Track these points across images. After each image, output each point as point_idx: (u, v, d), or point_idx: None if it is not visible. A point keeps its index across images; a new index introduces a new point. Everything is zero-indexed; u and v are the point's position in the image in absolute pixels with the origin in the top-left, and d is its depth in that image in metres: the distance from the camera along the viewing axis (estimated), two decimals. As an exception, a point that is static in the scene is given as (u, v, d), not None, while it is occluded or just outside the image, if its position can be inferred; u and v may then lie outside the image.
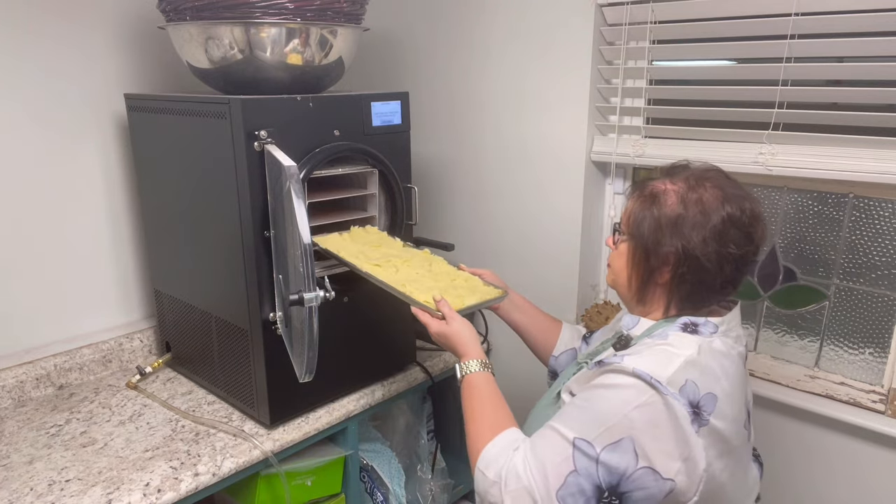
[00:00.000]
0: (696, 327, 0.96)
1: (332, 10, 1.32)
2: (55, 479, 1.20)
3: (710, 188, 0.96)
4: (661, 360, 0.90)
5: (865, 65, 1.25)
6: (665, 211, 0.97)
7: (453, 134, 1.83)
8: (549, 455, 0.88)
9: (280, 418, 1.37)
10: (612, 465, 0.85)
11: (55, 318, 1.60)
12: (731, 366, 0.94)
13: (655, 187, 1.00)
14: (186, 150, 1.38)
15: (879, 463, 1.30)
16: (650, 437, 0.85)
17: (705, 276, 0.95)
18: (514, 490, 0.89)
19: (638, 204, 1.01)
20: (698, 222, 0.94)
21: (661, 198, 0.98)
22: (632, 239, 1.01)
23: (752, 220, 0.96)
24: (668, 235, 0.95)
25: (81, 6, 1.52)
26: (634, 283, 1.03)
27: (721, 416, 0.88)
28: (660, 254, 0.97)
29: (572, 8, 1.52)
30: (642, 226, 0.98)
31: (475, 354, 1.10)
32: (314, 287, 1.11)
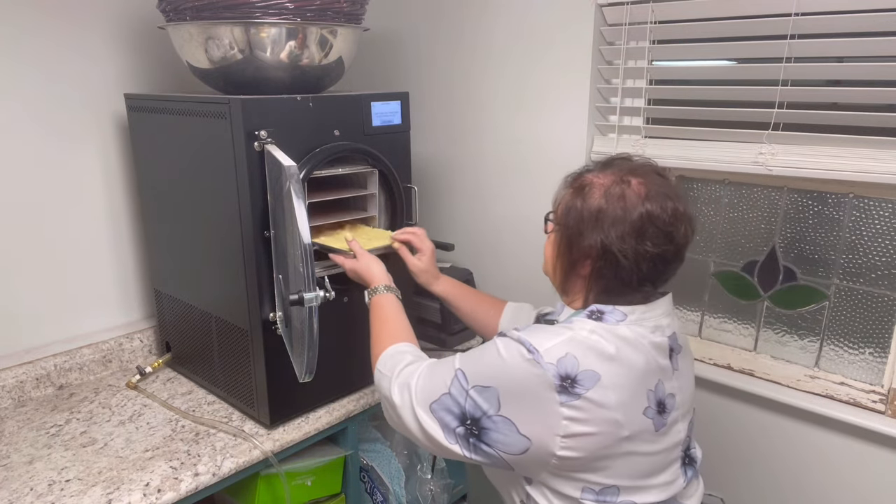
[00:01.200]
0: (601, 315, 0.98)
1: (332, 10, 1.32)
2: (55, 479, 1.20)
3: (636, 184, 0.97)
4: (549, 334, 0.94)
5: (865, 65, 1.25)
6: (588, 204, 0.98)
7: (453, 134, 1.83)
8: (438, 374, 0.99)
9: (280, 418, 1.37)
10: (477, 402, 0.94)
11: (55, 318, 1.60)
12: (632, 352, 0.94)
13: (586, 179, 1.01)
14: (186, 150, 1.38)
15: (879, 463, 1.30)
16: (514, 394, 0.92)
17: (621, 272, 0.96)
18: (400, 384, 1.02)
19: (568, 194, 1.02)
20: (618, 217, 0.95)
21: (587, 190, 0.99)
22: (559, 229, 1.03)
23: (673, 220, 0.95)
24: (590, 229, 0.97)
25: (81, 6, 1.52)
26: (559, 273, 1.05)
27: (602, 395, 0.90)
28: (582, 246, 0.98)
29: (572, 8, 1.52)
30: (569, 217, 1.00)
31: (381, 280, 1.22)
32: (314, 287, 1.11)
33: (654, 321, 0.99)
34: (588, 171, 1.04)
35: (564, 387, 0.89)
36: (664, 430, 0.97)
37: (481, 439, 0.94)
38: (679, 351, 1.03)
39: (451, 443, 0.96)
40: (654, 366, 0.97)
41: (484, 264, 1.85)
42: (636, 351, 0.95)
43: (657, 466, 0.98)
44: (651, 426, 0.95)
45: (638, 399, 0.94)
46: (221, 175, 1.27)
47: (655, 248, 0.95)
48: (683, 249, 0.99)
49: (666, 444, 0.99)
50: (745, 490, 1.50)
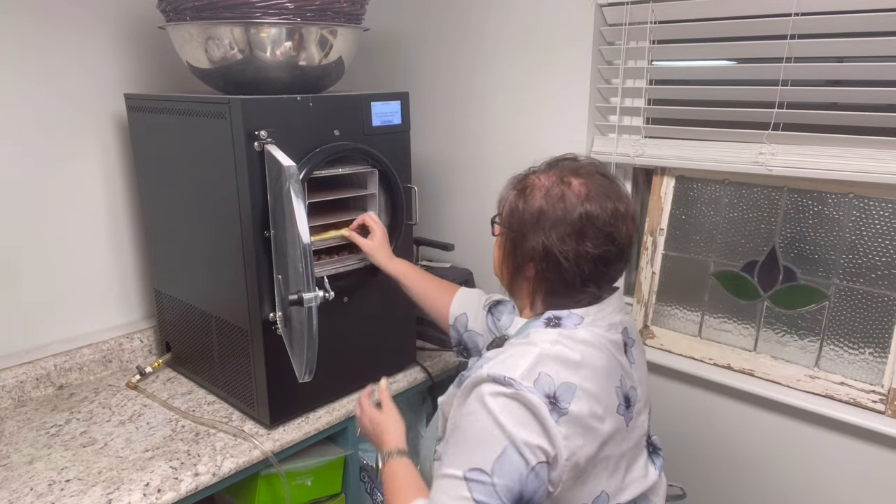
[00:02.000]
0: (559, 321, 0.96)
1: (332, 10, 1.32)
2: (55, 479, 1.20)
3: (577, 185, 0.95)
4: (515, 357, 0.90)
5: (865, 65, 1.25)
6: (530, 205, 0.96)
7: (453, 134, 1.83)
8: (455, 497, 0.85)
9: (280, 418, 1.37)
10: (507, 479, 0.84)
11: (55, 318, 1.60)
12: (595, 354, 0.93)
13: (529, 181, 1.00)
14: (186, 150, 1.38)
15: (879, 463, 1.30)
16: (524, 434, 0.85)
17: (564, 274, 0.95)
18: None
19: (512, 196, 1.00)
20: (558, 219, 0.93)
21: (529, 191, 0.98)
22: (504, 231, 1.02)
23: (613, 220, 0.94)
24: (532, 231, 0.95)
25: (81, 6, 1.52)
26: (506, 276, 1.04)
27: (581, 404, 0.88)
28: (525, 248, 0.97)
29: (572, 8, 1.52)
30: (512, 219, 0.99)
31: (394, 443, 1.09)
32: (313, 287, 1.11)
33: (608, 319, 0.98)
34: (533, 172, 1.02)
35: (552, 405, 0.87)
36: (631, 424, 0.98)
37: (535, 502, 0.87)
38: (632, 344, 1.03)
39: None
40: (615, 363, 0.97)
41: (484, 264, 1.85)
42: (599, 352, 0.94)
43: (631, 461, 0.99)
44: (623, 423, 0.96)
45: (610, 399, 0.94)
46: (221, 175, 1.27)
47: (596, 249, 0.93)
48: (627, 249, 0.98)
49: (635, 437, 0.99)
50: (745, 490, 1.50)
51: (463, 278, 1.79)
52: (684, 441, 1.57)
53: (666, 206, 1.56)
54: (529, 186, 0.99)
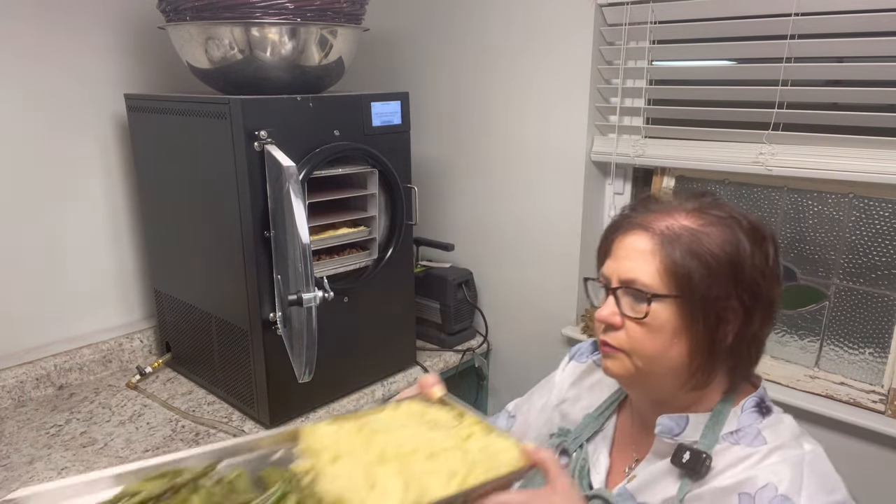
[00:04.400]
0: (766, 404, 0.78)
1: (332, 10, 1.32)
2: (55, 479, 1.20)
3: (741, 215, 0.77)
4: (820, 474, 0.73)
5: (865, 65, 1.25)
6: (719, 253, 0.73)
7: (453, 134, 1.83)
8: None
9: (280, 418, 1.37)
10: None
11: (55, 318, 1.60)
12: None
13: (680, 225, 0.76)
14: (186, 150, 1.38)
15: (879, 463, 1.30)
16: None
17: (764, 329, 0.77)
18: None
19: (668, 250, 0.74)
20: (760, 259, 0.74)
21: (700, 237, 0.74)
22: (680, 300, 0.74)
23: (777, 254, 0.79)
24: (729, 283, 0.73)
25: (81, 6, 1.52)
26: (697, 362, 0.76)
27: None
28: (722, 308, 0.74)
29: (572, 8, 1.52)
30: (692, 278, 0.73)
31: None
32: (313, 287, 1.11)
33: None
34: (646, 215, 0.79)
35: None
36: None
37: None
38: None
39: None
40: None
41: (484, 264, 1.85)
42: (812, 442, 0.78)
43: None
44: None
45: None
46: (221, 175, 1.27)
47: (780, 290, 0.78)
48: None
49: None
50: (745, 490, 1.50)
51: (463, 278, 1.79)
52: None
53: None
54: (692, 234, 0.75)
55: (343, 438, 0.71)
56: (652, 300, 0.74)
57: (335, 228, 1.42)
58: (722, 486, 0.72)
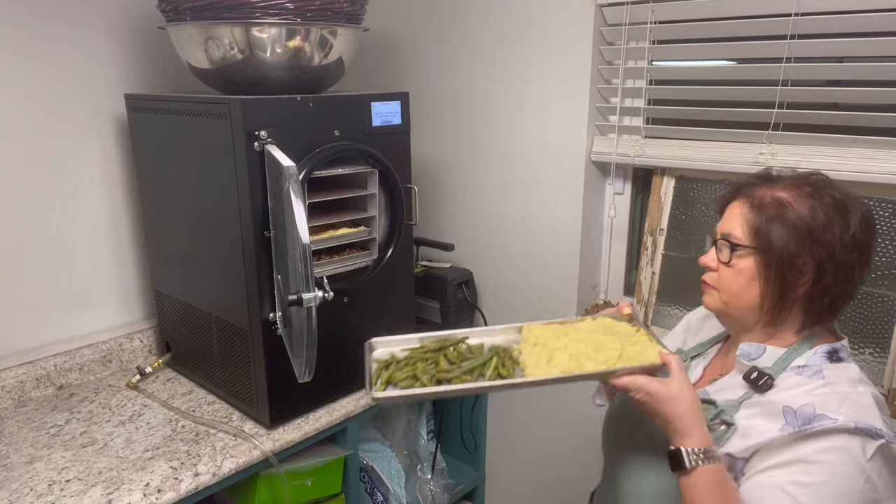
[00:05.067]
0: (838, 354, 0.92)
1: (332, 10, 1.32)
2: (55, 479, 1.20)
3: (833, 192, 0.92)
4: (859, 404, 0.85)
5: (865, 65, 1.25)
6: (802, 219, 0.90)
7: (453, 134, 1.83)
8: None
9: (280, 418, 1.37)
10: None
11: (55, 318, 1.60)
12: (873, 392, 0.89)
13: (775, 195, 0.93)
14: (186, 150, 1.38)
15: (879, 463, 1.30)
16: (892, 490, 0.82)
17: (848, 284, 0.91)
18: None
19: (758, 214, 0.93)
20: (840, 228, 0.89)
21: (788, 206, 0.91)
22: (760, 253, 0.92)
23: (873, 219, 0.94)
24: (808, 244, 0.89)
25: (81, 6, 1.52)
26: (768, 302, 0.93)
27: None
28: (796, 265, 0.90)
29: (572, 8, 1.52)
30: (772, 237, 0.91)
31: (699, 439, 0.86)
32: (313, 287, 1.11)
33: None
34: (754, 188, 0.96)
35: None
36: None
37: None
38: None
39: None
40: None
41: (484, 264, 1.85)
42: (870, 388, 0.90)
43: None
44: None
45: None
46: (221, 175, 1.27)
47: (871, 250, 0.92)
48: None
49: None
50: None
51: (463, 278, 1.79)
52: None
53: (666, 206, 1.56)
54: (784, 201, 0.92)
55: (546, 334, 1.06)
56: (736, 249, 0.94)
57: (335, 228, 1.42)
58: (772, 400, 0.90)
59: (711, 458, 0.85)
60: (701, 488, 0.84)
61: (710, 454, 0.85)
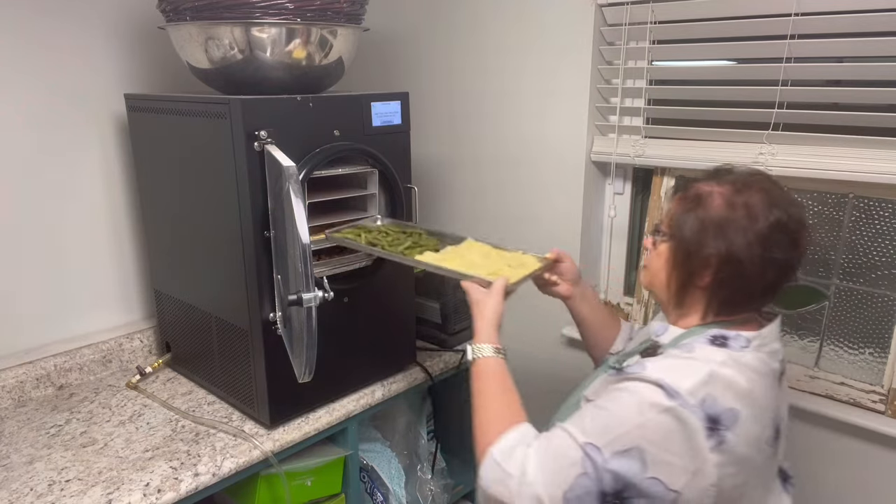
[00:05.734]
0: (725, 340, 0.94)
1: (332, 11, 1.32)
2: (55, 479, 1.20)
3: (757, 192, 0.96)
4: (684, 370, 0.89)
5: (865, 65, 1.25)
6: (710, 213, 0.96)
7: (453, 134, 1.83)
8: (561, 458, 0.89)
9: (280, 418, 1.37)
10: (618, 473, 0.85)
11: (55, 318, 1.60)
12: (761, 382, 0.91)
13: (700, 189, 0.99)
14: (186, 150, 1.38)
15: (880, 463, 1.30)
16: (661, 447, 0.85)
17: (747, 281, 0.95)
18: (527, 495, 0.89)
19: (681, 205, 1.00)
20: (744, 226, 0.93)
21: (705, 200, 0.97)
22: (673, 240, 1.00)
23: (798, 226, 0.95)
24: (712, 237, 0.95)
25: (81, 6, 1.52)
26: (674, 286, 1.01)
27: (742, 432, 0.87)
28: (701, 256, 0.96)
29: (572, 8, 1.52)
30: (684, 227, 0.98)
31: (489, 338, 1.07)
32: (313, 287, 1.11)
33: (770, 346, 0.97)
34: (697, 182, 1.02)
35: (711, 429, 0.85)
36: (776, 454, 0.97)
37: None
38: (783, 372, 1.02)
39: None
40: (775, 393, 0.96)
41: (484, 264, 1.84)
42: (763, 380, 0.92)
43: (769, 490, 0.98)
44: (771, 453, 0.95)
45: (766, 430, 0.92)
46: (221, 175, 1.27)
47: (782, 255, 0.94)
48: (804, 256, 0.98)
49: (775, 467, 0.99)
50: (745, 490, 1.50)
51: (463, 278, 1.78)
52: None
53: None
54: (704, 195, 0.98)
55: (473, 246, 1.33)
56: (657, 234, 1.05)
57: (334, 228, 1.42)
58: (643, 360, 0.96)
59: (491, 354, 1.05)
60: (478, 375, 1.05)
61: (488, 351, 1.06)
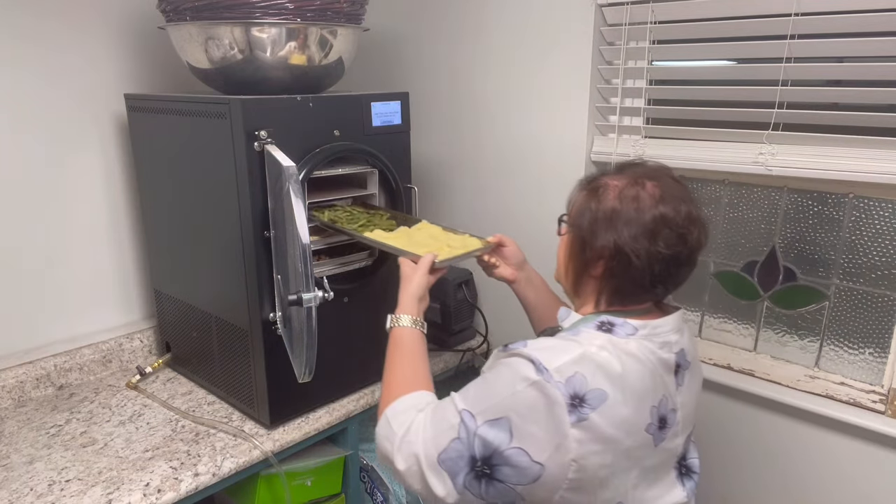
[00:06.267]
0: (611, 327, 0.97)
1: (332, 11, 1.32)
2: (55, 480, 1.20)
3: (650, 187, 0.98)
4: (558, 350, 0.93)
5: (865, 65, 1.25)
6: (603, 205, 0.99)
7: (453, 134, 1.83)
8: (441, 422, 0.95)
9: (280, 418, 1.37)
10: (487, 440, 0.90)
11: (55, 318, 1.60)
12: (638, 369, 0.93)
13: (600, 181, 1.03)
14: (186, 150, 1.38)
15: (879, 463, 1.30)
16: (526, 419, 0.89)
17: (634, 273, 0.97)
18: (406, 452, 0.96)
19: (582, 197, 1.04)
20: (631, 218, 0.96)
21: (601, 192, 1.01)
22: (572, 230, 1.04)
23: (687, 222, 0.97)
24: (603, 229, 0.98)
25: (81, 6, 1.52)
26: (571, 275, 1.06)
27: (608, 413, 0.89)
28: (595, 247, 0.99)
29: (572, 8, 1.52)
30: (582, 218, 1.01)
31: (408, 310, 1.13)
32: (313, 287, 1.11)
33: (664, 337, 0.98)
34: (603, 175, 1.05)
35: (574, 406, 0.88)
36: (663, 444, 0.98)
37: (493, 477, 0.91)
38: (686, 367, 1.02)
39: (458, 492, 0.92)
40: (660, 382, 0.96)
41: (484, 264, 1.84)
42: (643, 368, 0.94)
43: (654, 479, 0.99)
44: (651, 441, 0.95)
45: (641, 416, 0.93)
46: (221, 175, 1.27)
47: (668, 250, 0.95)
48: (696, 253, 1.00)
49: (662, 458, 0.99)
50: (746, 490, 1.50)
51: (463, 278, 1.79)
52: (684, 441, 1.57)
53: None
54: (602, 187, 1.01)
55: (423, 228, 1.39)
56: (561, 224, 1.11)
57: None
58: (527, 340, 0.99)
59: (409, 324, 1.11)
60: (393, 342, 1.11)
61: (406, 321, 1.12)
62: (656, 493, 0.99)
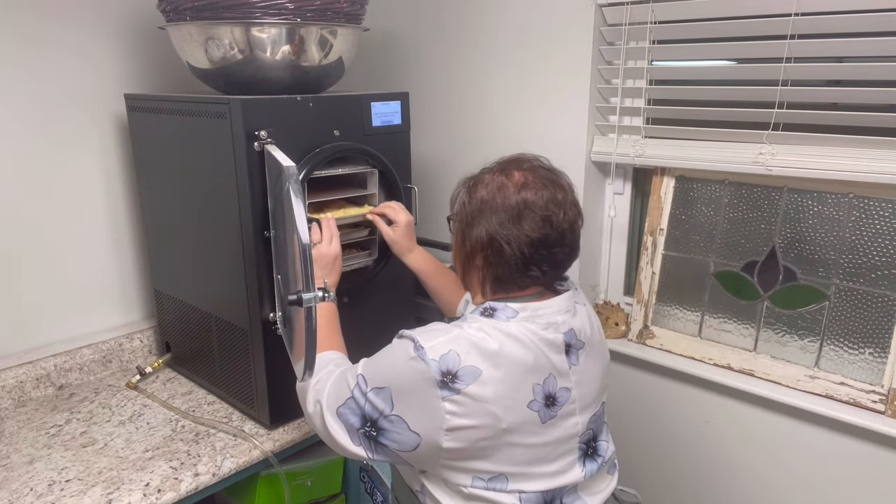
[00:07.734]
0: (493, 311, 1.02)
1: (332, 10, 1.32)
2: (55, 480, 1.20)
3: (517, 175, 1.04)
4: (439, 331, 1.00)
5: (865, 65, 1.25)
6: (475, 197, 1.05)
7: (453, 134, 1.83)
8: (344, 380, 1.04)
9: (280, 418, 1.37)
10: (374, 404, 0.99)
11: (55, 318, 1.60)
12: (517, 348, 0.98)
13: (476, 178, 1.09)
14: (186, 151, 1.38)
15: (879, 463, 1.30)
16: (404, 391, 0.97)
17: (508, 259, 1.02)
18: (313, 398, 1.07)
19: (463, 193, 1.10)
20: (497, 206, 1.02)
21: (474, 186, 1.07)
22: (456, 225, 1.11)
23: (550, 205, 1.01)
24: (477, 220, 1.04)
25: (81, 6, 1.52)
26: (459, 270, 1.12)
27: (482, 390, 0.95)
28: (472, 238, 1.05)
29: (572, 8, 1.52)
30: (462, 212, 1.08)
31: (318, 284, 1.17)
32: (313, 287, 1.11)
33: (547, 318, 1.02)
34: (482, 171, 1.10)
35: (445, 382, 0.94)
36: (552, 422, 1.01)
37: (379, 440, 1.00)
38: (580, 347, 1.06)
39: (355, 445, 1.01)
40: (544, 361, 1.00)
41: (484, 264, 1.84)
42: (523, 347, 0.98)
43: (545, 456, 1.02)
44: (536, 418, 0.99)
45: (520, 392, 0.98)
46: (221, 175, 1.27)
47: (534, 233, 1.00)
48: (568, 234, 1.03)
49: (555, 435, 1.02)
50: (745, 490, 1.50)
51: (463, 278, 1.78)
52: (685, 441, 1.57)
53: (666, 206, 1.56)
54: (476, 182, 1.07)
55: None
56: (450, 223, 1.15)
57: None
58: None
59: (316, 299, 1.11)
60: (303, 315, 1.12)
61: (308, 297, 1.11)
62: (549, 470, 1.02)
